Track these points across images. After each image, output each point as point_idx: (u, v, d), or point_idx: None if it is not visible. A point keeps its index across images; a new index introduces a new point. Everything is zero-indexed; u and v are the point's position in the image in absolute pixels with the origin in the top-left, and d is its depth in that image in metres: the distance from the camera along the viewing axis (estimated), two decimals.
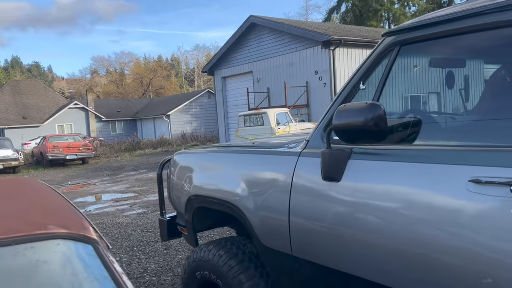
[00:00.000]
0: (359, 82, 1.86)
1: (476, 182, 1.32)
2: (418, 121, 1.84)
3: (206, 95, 35.27)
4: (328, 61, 17.16)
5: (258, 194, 2.17)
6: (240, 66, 21.67)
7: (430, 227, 1.45)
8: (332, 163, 1.80)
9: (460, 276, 1.37)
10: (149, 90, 58.83)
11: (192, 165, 2.84)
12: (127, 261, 4.53)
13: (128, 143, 26.69)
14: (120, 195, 9.70)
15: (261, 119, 15.03)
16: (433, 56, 2.11)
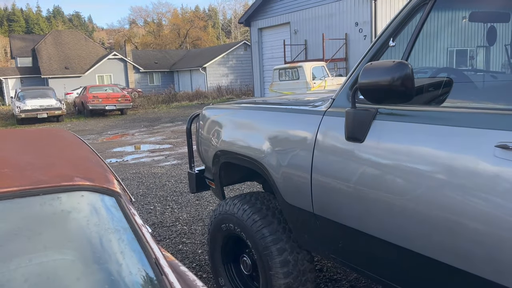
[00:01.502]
0: (389, 39, 1.77)
1: (503, 147, 1.26)
2: (450, 81, 1.75)
3: (243, 47, 34.80)
4: (370, 12, 16.37)
5: (282, 152, 2.18)
6: (277, 17, 21.08)
7: (454, 191, 1.41)
8: (356, 123, 1.77)
9: (480, 240, 1.35)
10: (186, 42, 58.69)
11: (220, 120, 2.86)
12: (160, 210, 4.74)
13: (165, 95, 27.13)
14: (156, 146, 10.00)
15: (297, 73, 14.76)
16: (473, 10, 1.97)
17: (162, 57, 41.53)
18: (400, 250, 1.64)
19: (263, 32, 22.57)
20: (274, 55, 21.80)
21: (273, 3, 21.04)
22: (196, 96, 27.02)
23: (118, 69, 37.17)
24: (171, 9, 69.84)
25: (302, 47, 19.72)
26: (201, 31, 61.11)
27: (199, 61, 35.35)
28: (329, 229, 1.99)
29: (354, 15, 17.04)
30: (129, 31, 67.58)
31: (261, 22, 22.21)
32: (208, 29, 64.92)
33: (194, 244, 3.72)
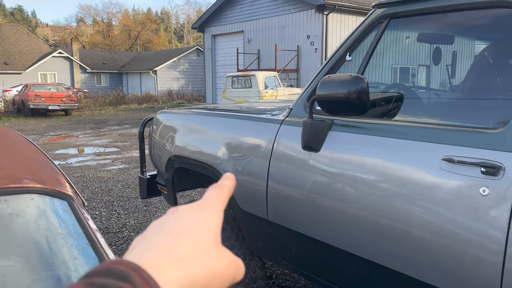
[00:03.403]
0: (345, 53, 1.85)
1: (449, 161, 1.35)
2: (401, 96, 1.85)
3: (195, 52, 34.56)
4: (321, 26, 16.88)
5: (239, 159, 2.19)
6: (231, 25, 21.18)
7: (403, 201, 1.49)
8: (312, 133, 1.82)
9: (426, 249, 1.43)
10: (137, 44, 57.34)
11: (174, 125, 2.82)
12: (106, 215, 4.57)
13: (113, 96, 26.26)
14: (102, 149, 9.64)
15: (249, 81, 14.89)
16: (422, 31, 2.10)
17: (111, 58, 40.25)
18: (351, 257, 1.70)
19: (216, 39, 22.57)
20: (227, 62, 21.85)
21: (227, 11, 21.14)
22: (145, 99, 26.41)
23: (63, 68, 35.51)
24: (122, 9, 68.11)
25: (255, 56, 19.93)
26: (153, 34, 59.98)
27: (150, 64, 34.64)
28: (283, 236, 2.02)
29: (306, 28, 17.50)
30: (76, 29, 64.92)
31: (215, 28, 22.21)
32: (160, 32, 63.82)
33: None
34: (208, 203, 0.41)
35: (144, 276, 0.32)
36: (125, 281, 0.31)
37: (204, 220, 0.39)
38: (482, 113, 1.59)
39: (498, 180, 1.23)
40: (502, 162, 1.23)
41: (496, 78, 1.96)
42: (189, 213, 0.40)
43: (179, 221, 0.39)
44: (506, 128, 1.26)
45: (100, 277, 0.32)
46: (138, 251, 0.36)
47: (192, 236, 0.37)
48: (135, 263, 0.33)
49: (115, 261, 0.34)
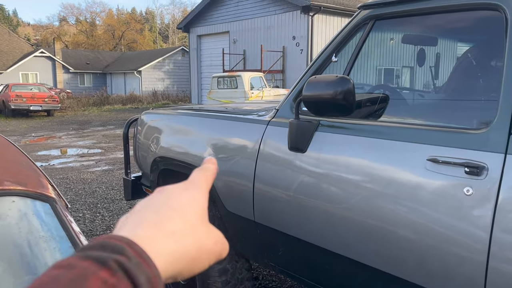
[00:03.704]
0: (331, 54, 1.85)
1: (433, 161, 1.37)
2: (386, 97, 1.87)
3: (180, 52, 34.36)
4: (307, 27, 16.95)
5: (225, 160, 2.18)
6: (217, 25, 21.12)
7: (388, 201, 1.50)
8: (299, 134, 1.82)
9: (411, 248, 1.44)
10: (121, 44, 56.75)
11: (159, 126, 2.79)
12: (90, 217, 4.51)
13: (96, 97, 25.92)
14: (86, 150, 9.51)
15: (235, 82, 14.87)
16: (406, 33, 2.12)
17: (95, 58, 39.73)
18: (337, 257, 1.70)
19: (202, 39, 22.49)
20: (212, 62, 21.78)
21: (213, 11, 21.07)
22: (130, 100, 26.14)
23: (45, 68, 34.91)
24: (105, 8, 67.30)
25: (240, 56, 19.92)
26: (137, 34, 59.43)
27: (134, 64, 34.30)
28: (270, 237, 2.02)
29: (292, 29, 17.56)
30: (59, 29, 63.90)
31: (200, 29, 22.12)
32: (144, 32, 63.26)
33: None
34: (194, 184, 0.43)
35: (136, 249, 0.33)
36: (119, 253, 0.32)
37: (191, 199, 0.41)
38: (466, 113, 1.61)
39: (481, 180, 1.25)
40: (486, 162, 1.25)
41: (479, 80, 1.99)
42: (177, 192, 0.41)
43: (167, 199, 0.40)
44: (489, 129, 1.28)
45: (95, 250, 0.32)
46: (129, 227, 0.37)
47: (181, 213, 0.39)
48: (128, 238, 0.34)
49: (107, 236, 0.34)
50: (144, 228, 0.36)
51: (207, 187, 0.44)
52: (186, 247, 0.37)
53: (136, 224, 0.37)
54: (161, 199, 0.40)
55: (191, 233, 0.38)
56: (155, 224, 0.37)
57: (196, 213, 0.40)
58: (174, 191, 0.41)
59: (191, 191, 0.42)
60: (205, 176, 0.45)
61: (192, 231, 0.38)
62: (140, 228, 0.36)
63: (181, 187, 0.42)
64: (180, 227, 0.37)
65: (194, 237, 0.38)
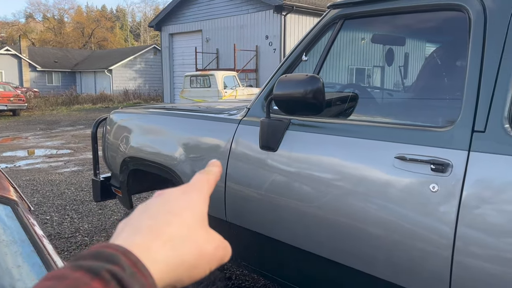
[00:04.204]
0: (302, 53, 1.86)
1: (401, 159, 1.39)
2: (355, 96, 1.89)
3: (152, 51, 33.87)
4: (280, 27, 17.03)
5: (196, 159, 2.15)
6: (189, 24, 20.93)
7: (358, 199, 1.52)
8: (270, 132, 1.81)
9: (380, 245, 1.46)
10: (91, 42, 55.46)
11: (129, 125, 2.74)
12: (58, 220, 4.38)
13: (65, 96, 25.26)
14: (54, 151, 9.24)
15: (208, 81, 14.78)
16: (375, 33, 2.15)
17: (63, 56, 38.66)
18: (309, 255, 1.71)
19: (174, 37, 22.24)
20: (185, 61, 21.57)
21: (185, 10, 20.87)
22: (100, 99, 25.57)
23: (10, 66, 33.70)
24: (74, 5, 65.65)
25: (214, 55, 19.81)
26: (108, 32, 58.22)
27: (105, 63, 33.58)
28: (242, 236, 2.01)
29: (265, 28, 17.60)
30: (25, 26, 61.83)
31: (172, 27, 21.87)
32: (115, 30, 62.05)
33: None
34: (194, 187, 0.42)
35: (132, 258, 0.33)
36: (113, 263, 0.31)
37: (191, 203, 0.40)
38: (432, 112, 1.65)
39: (446, 177, 1.28)
40: (450, 160, 1.28)
41: (445, 79, 2.04)
42: (176, 196, 0.40)
43: (166, 203, 0.39)
44: (453, 127, 1.31)
45: (88, 260, 0.32)
46: (126, 233, 0.36)
47: (179, 218, 0.38)
48: (123, 246, 0.33)
49: (103, 244, 0.33)
50: (141, 235, 0.35)
51: (208, 191, 0.43)
52: (184, 254, 0.36)
53: (133, 230, 0.36)
54: (160, 204, 0.39)
55: (189, 239, 0.37)
56: (153, 230, 0.36)
57: (195, 217, 0.39)
58: (173, 194, 0.40)
59: (191, 194, 0.41)
60: (206, 179, 0.44)
61: (191, 236, 0.37)
62: (137, 235, 0.36)
63: (180, 190, 0.41)
64: (178, 233, 0.37)
65: (193, 242, 0.37)
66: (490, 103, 1.25)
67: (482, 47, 1.30)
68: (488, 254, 1.19)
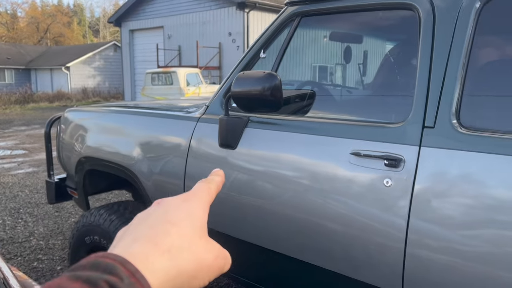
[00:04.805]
0: (260, 50, 1.85)
1: (356, 154, 1.41)
2: (313, 93, 1.90)
3: (112, 47, 32.93)
4: (242, 24, 17.00)
5: (154, 159, 2.11)
6: (150, 20, 20.51)
7: (316, 195, 1.53)
8: (229, 130, 1.80)
9: (338, 240, 1.48)
10: (47, 37, 53.30)
11: (85, 124, 2.64)
12: (11, 224, 4.18)
13: (19, 94, 24.14)
14: (7, 151, 8.81)
15: (170, 78, 14.55)
16: (333, 30, 2.18)
17: (17, 53, 36.92)
18: (270, 253, 1.71)
19: (135, 34, 21.73)
20: (146, 58, 21.13)
21: (145, 5, 20.43)
22: (57, 97, 24.63)
23: None
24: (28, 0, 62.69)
25: (176, 52, 19.52)
26: (65, 28, 56.13)
27: (62, 60, 32.34)
28: None
29: (228, 25, 17.52)
30: None
31: (132, 23, 21.36)
32: (73, 26, 59.89)
33: (52, 261, 3.36)
34: (194, 196, 0.42)
35: (130, 268, 0.32)
36: (111, 274, 0.31)
37: (190, 212, 0.39)
38: (386, 109, 1.69)
39: (399, 172, 1.31)
40: (403, 155, 1.31)
41: (399, 77, 2.09)
42: (175, 205, 0.40)
43: (165, 212, 0.39)
44: (405, 123, 1.34)
45: (85, 270, 0.31)
46: (125, 243, 0.36)
47: (178, 227, 0.37)
48: (121, 256, 0.33)
49: (101, 254, 0.33)
50: (140, 245, 0.35)
51: (209, 200, 0.43)
52: (183, 264, 0.36)
53: (131, 239, 0.36)
54: (159, 213, 0.39)
55: (188, 249, 0.37)
56: (151, 240, 0.36)
57: (194, 227, 0.38)
58: (172, 203, 0.40)
59: (190, 203, 0.40)
60: (207, 187, 0.44)
61: (190, 246, 0.37)
62: (135, 244, 0.35)
63: (180, 198, 0.41)
64: (177, 243, 0.36)
65: (191, 253, 0.37)
66: (439, 100, 1.29)
67: (431, 46, 1.34)
68: (439, 245, 1.23)
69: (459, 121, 1.26)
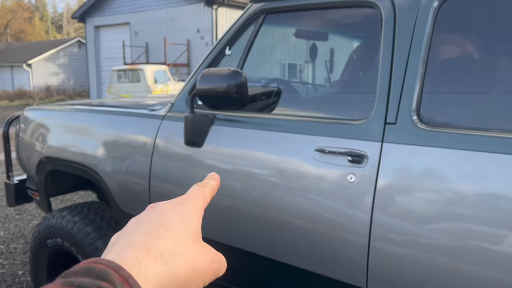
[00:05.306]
0: (225, 47, 1.84)
1: (321, 151, 1.43)
2: (279, 91, 1.91)
3: (77, 44, 31.96)
4: (211, 21, 16.86)
5: (119, 158, 2.06)
6: (116, 16, 20.03)
7: (283, 192, 1.53)
8: (195, 128, 1.78)
9: (305, 236, 1.49)
10: (7, 33, 51.19)
11: (46, 123, 2.55)
12: None
13: None
14: None
15: (137, 75, 14.27)
16: (298, 28, 2.19)
17: None
18: (237, 252, 1.70)
19: (100, 30, 21.18)
20: (113, 55, 20.65)
21: (110, 1, 19.93)
22: (18, 96, 23.72)
23: None
24: None
25: (143, 49, 19.17)
26: (26, 23, 54.07)
27: (23, 56, 31.13)
28: None
29: (196, 22, 17.34)
30: None
31: (98, 19, 20.80)
32: (34, 21, 57.78)
33: (14, 265, 3.23)
34: (188, 200, 0.41)
35: (123, 274, 0.32)
36: (104, 280, 0.31)
37: (184, 216, 0.39)
38: (350, 106, 1.71)
39: (362, 168, 1.33)
40: (366, 151, 1.33)
41: (364, 74, 2.13)
42: (169, 209, 0.39)
43: (158, 217, 0.38)
44: (368, 120, 1.37)
45: (78, 276, 0.31)
46: (118, 248, 0.35)
47: (172, 232, 0.37)
48: (115, 262, 0.33)
49: (94, 260, 0.33)
50: (133, 250, 0.35)
51: (203, 204, 0.42)
52: (176, 269, 0.36)
53: (124, 244, 0.36)
54: (152, 217, 0.39)
55: (182, 254, 0.37)
56: (144, 245, 0.35)
57: (188, 231, 0.38)
58: (166, 208, 0.40)
59: (184, 207, 0.40)
60: (202, 191, 0.43)
61: (183, 251, 0.37)
62: (128, 249, 0.35)
63: (174, 202, 0.41)
64: (170, 248, 0.36)
65: (185, 258, 0.37)
66: (400, 97, 1.31)
67: (393, 44, 1.37)
68: (401, 239, 1.25)
69: (419, 117, 1.29)
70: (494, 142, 1.15)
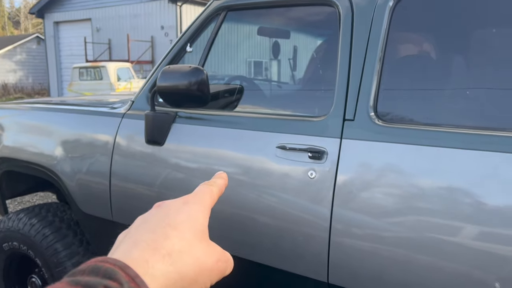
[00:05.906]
0: (186, 44, 1.82)
1: (282, 148, 1.44)
2: (241, 88, 1.91)
3: (35, 40, 30.74)
4: (175, 17, 16.65)
5: (78, 158, 2.00)
6: (76, 12, 19.40)
7: (246, 189, 1.54)
8: (156, 126, 1.75)
9: (268, 233, 1.50)
10: None
11: (0, 122, 2.44)
12: None
13: None
14: None
15: (100, 73, 13.89)
16: (260, 25, 2.19)
17: None
18: None
19: (60, 26, 20.46)
20: (74, 52, 20.01)
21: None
22: None
23: None
24: None
25: (105, 46, 18.67)
26: None
27: None
28: None
29: (160, 19, 17.06)
30: None
31: (57, 15, 20.08)
32: None
33: None
34: (195, 199, 0.41)
35: (130, 273, 0.32)
36: (111, 279, 0.30)
37: (191, 215, 0.39)
38: (311, 103, 1.74)
39: (322, 164, 1.35)
40: (325, 147, 1.35)
41: (324, 72, 2.16)
42: (175, 208, 0.39)
43: (165, 216, 0.38)
44: (327, 116, 1.39)
45: (85, 275, 0.31)
46: (125, 247, 0.35)
47: (178, 231, 0.37)
48: (121, 261, 0.32)
49: (100, 259, 0.33)
50: (140, 249, 0.35)
51: (211, 203, 0.42)
52: (183, 268, 0.36)
53: (131, 243, 0.36)
54: (159, 216, 0.38)
55: (189, 253, 0.36)
56: (151, 244, 0.35)
57: (195, 230, 0.38)
58: (173, 206, 0.40)
59: (191, 206, 0.40)
60: (209, 190, 0.43)
61: (190, 250, 0.37)
62: (135, 248, 0.35)
63: (181, 201, 0.40)
64: (177, 247, 0.36)
65: (192, 256, 0.37)
66: (358, 94, 1.34)
67: (350, 42, 1.40)
68: (360, 233, 1.29)
69: (376, 113, 1.32)
70: (449, 137, 1.20)
